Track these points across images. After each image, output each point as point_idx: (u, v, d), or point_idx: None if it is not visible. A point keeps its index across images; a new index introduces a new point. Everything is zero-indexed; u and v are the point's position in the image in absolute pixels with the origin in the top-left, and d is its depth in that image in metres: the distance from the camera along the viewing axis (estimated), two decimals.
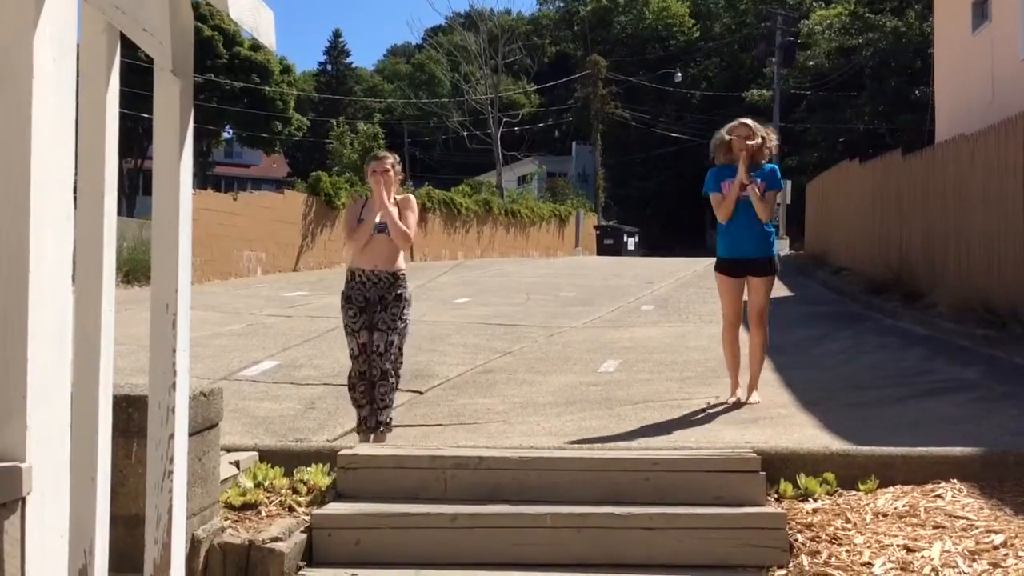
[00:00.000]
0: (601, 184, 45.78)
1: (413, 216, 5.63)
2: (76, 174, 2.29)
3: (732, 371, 6.40)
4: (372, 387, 5.48)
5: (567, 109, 49.58)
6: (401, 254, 5.63)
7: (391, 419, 5.50)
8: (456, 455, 4.58)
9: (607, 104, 46.26)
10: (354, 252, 5.64)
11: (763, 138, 6.14)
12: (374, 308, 5.51)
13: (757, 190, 6.00)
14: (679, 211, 45.93)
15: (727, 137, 6.17)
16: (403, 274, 5.60)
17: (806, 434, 5.41)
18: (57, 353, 1.98)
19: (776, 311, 12.68)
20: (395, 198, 5.65)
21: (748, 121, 6.28)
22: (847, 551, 3.87)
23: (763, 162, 6.21)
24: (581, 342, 9.79)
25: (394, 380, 5.48)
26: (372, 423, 5.45)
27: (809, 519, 4.20)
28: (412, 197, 5.75)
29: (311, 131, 44.81)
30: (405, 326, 5.56)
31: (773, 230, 6.28)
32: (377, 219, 5.55)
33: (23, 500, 1.86)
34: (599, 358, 8.70)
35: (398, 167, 5.75)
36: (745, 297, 6.33)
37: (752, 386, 6.36)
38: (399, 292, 5.53)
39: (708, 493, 4.31)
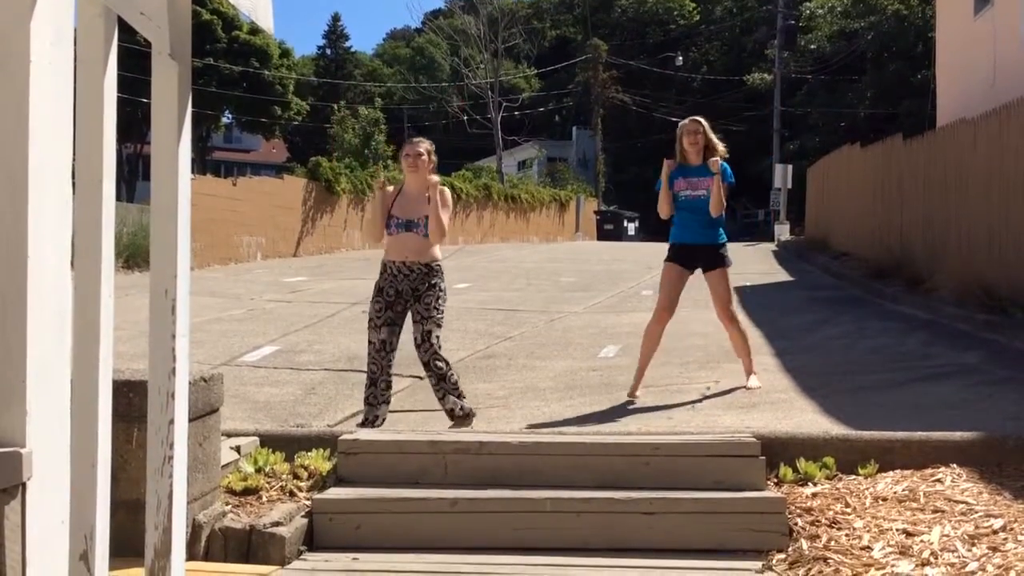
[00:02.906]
0: (602, 169, 45.70)
1: (447, 212, 5.48)
2: (74, 159, 2.28)
3: (643, 363, 6.21)
4: (388, 387, 5.45)
5: (567, 93, 49.43)
6: (435, 247, 5.51)
7: (463, 408, 5.40)
8: (456, 440, 4.59)
9: (607, 88, 46.09)
10: (385, 244, 5.56)
11: (708, 136, 6.29)
12: (406, 300, 5.46)
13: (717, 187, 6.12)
14: None
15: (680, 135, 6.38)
16: (437, 265, 5.50)
17: (806, 419, 5.42)
18: (57, 339, 1.97)
19: (777, 296, 12.71)
20: (429, 181, 5.49)
21: (699, 119, 6.46)
22: (846, 535, 3.88)
23: (715, 152, 6.26)
24: (581, 327, 9.79)
25: (443, 368, 5.40)
26: (378, 423, 5.39)
27: (809, 503, 4.21)
28: (447, 190, 5.58)
29: (310, 116, 44.68)
30: (441, 316, 5.47)
31: (721, 226, 6.29)
32: (406, 216, 5.43)
33: (23, 485, 1.86)
34: (599, 343, 8.70)
35: (432, 153, 5.60)
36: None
37: (749, 370, 6.37)
38: (433, 282, 5.44)
39: (708, 478, 4.32)
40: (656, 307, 6.30)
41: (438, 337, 5.44)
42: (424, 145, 5.58)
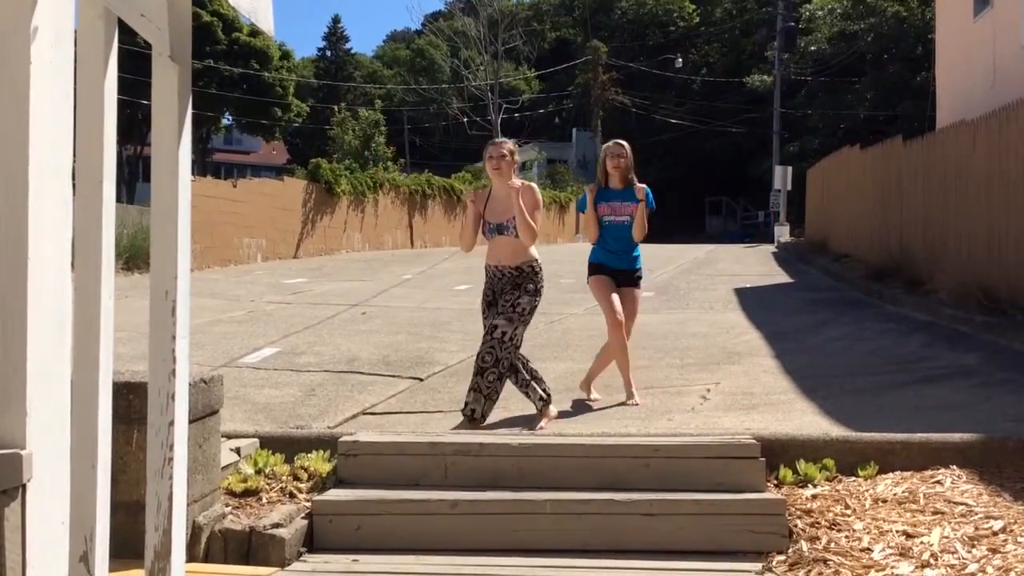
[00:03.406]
0: None
1: (538, 213, 5.46)
2: (75, 161, 2.28)
3: (626, 371, 6.20)
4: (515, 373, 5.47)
5: (567, 95, 49.46)
6: (529, 249, 5.50)
7: (476, 412, 5.33)
8: (456, 441, 4.59)
9: (607, 90, 46.12)
10: (486, 248, 5.59)
11: (630, 160, 6.27)
12: (498, 299, 5.51)
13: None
14: (679, 198, 45.86)
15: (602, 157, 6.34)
16: (529, 267, 5.49)
17: (806, 420, 5.42)
18: (57, 340, 1.97)
19: (777, 297, 12.71)
20: (511, 186, 5.46)
21: (622, 142, 6.41)
22: (846, 537, 3.88)
23: (633, 180, 6.25)
24: (581, 329, 9.78)
25: (487, 365, 5.32)
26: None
27: (808, 505, 4.21)
28: (535, 187, 5.56)
29: (311, 117, 44.69)
30: (520, 315, 5.39)
31: (639, 253, 6.32)
32: (496, 220, 5.45)
33: (24, 487, 1.86)
34: (599, 344, 8.66)
35: (516, 153, 5.59)
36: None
37: (594, 380, 6.36)
38: (519, 282, 5.46)
39: (708, 479, 4.32)
40: (607, 322, 6.20)
41: (503, 333, 5.33)
42: (507, 146, 5.56)
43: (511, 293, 5.44)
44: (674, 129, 44.68)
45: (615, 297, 6.13)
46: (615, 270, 6.23)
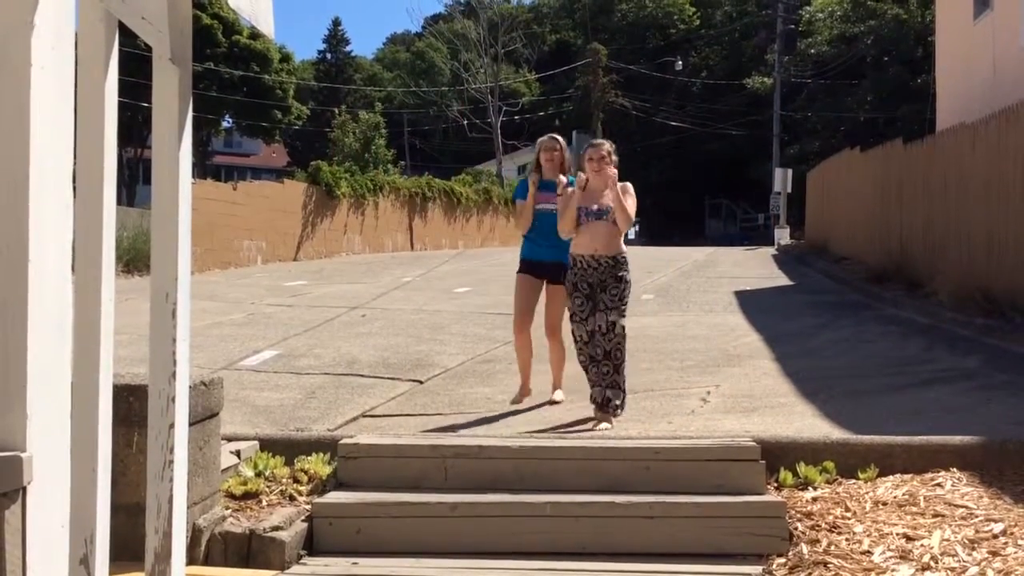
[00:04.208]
0: None
1: (632, 201, 5.71)
2: (75, 163, 2.29)
3: (525, 371, 6.36)
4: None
5: (567, 98, 49.48)
6: (620, 237, 5.73)
7: (622, 402, 5.58)
8: (456, 444, 4.59)
9: (607, 93, 46.13)
10: (574, 238, 5.74)
11: (564, 154, 6.35)
12: (597, 291, 5.65)
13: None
14: (680, 200, 45.88)
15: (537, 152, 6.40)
16: (623, 257, 5.71)
17: (806, 423, 5.42)
18: (57, 343, 1.97)
19: (777, 300, 12.71)
20: (611, 177, 5.71)
21: (556, 136, 6.51)
22: (847, 539, 3.88)
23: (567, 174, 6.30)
24: None
25: (620, 361, 5.58)
26: (602, 400, 5.56)
27: (809, 508, 4.21)
28: (629, 184, 5.81)
29: (311, 120, 44.71)
30: (626, 306, 5.66)
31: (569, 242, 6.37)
32: (595, 206, 5.65)
33: (24, 489, 1.86)
34: None
35: (613, 153, 5.84)
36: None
37: (557, 384, 6.39)
38: (620, 274, 5.66)
39: (708, 482, 4.32)
40: (514, 320, 6.42)
41: (623, 327, 5.61)
42: (606, 147, 5.84)
43: (614, 286, 5.62)
44: (674, 131, 44.70)
45: (528, 304, 6.33)
46: (546, 263, 6.27)
